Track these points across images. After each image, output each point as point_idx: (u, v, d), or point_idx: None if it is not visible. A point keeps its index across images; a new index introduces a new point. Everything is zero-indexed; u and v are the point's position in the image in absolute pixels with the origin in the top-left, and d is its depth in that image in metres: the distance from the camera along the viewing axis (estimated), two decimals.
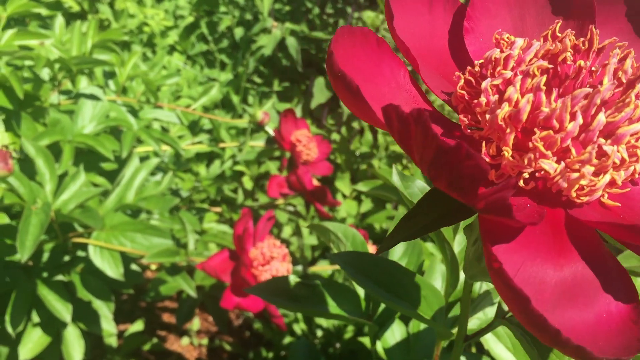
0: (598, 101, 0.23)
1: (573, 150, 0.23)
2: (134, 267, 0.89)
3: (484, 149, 0.24)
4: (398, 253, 0.41)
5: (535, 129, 0.23)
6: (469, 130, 0.25)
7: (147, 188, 0.82)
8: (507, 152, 0.23)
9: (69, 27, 0.97)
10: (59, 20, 1.03)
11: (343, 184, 1.41)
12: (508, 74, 0.24)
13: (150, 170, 0.81)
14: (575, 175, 0.23)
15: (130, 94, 1.02)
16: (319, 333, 1.21)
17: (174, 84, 1.39)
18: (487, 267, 0.21)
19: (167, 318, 1.45)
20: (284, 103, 1.72)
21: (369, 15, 1.83)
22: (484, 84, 0.24)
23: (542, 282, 0.21)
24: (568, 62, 0.26)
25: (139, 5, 1.79)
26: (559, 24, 0.27)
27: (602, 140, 0.23)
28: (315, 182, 1.06)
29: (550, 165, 0.23)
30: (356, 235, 0.38)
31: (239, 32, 1.68)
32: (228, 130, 1.49)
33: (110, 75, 0.99)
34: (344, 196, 1.44)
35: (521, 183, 0.23)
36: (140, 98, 0.99)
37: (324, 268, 1.21)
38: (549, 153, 0.23)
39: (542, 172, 0.23)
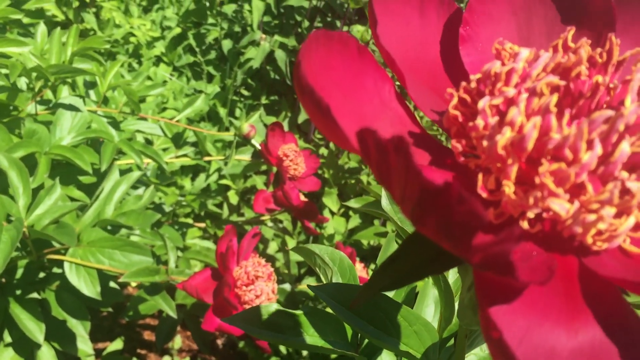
0: (621, 127, 0.19)
1: (589, 187, 0.19)
2: (112, 284, 0.85)
3: (480, 182, 0.20)
4: None
5: (543, 160, 0.19)
6: (463, 158, 0.21)
7: (127, 203, 0.79)
8: (509, 188, 0.19)
9: (49, 36, 0.94)
10: (41, 28, 1.00)
11: (330, 200, 1.38)
12: (511, 91, 0.20)
13: (131, 184, 0.78)
14: (592, 217, 0.18)
15: (112, 104, 0.98)
16: (305, 352, 1.18)
17: (159, 95, 1.36)
18: (484, 335, 0.17)
19: (148, 336, 1.40)
20: (271, 116, 1.69)
21: (358, 29, 1.82)
22: (481, 103, 0.20)
23: (552, 352, 0.17)
24: (582, 78, 0.22)
25: (126, 16, 1.76)
26: (572, 32, 0.23)
27: (624, 175, 0.19)
28: (303, 198, 1.04)
29: (561, 205, 0.18)
30: (343, 259, 0.35)
31: (227, 44, 1.66)
32: (214, 143, 1.46)
33: (91, 85, 0.96)
34: (332, 212, 1.41)
35: (525, 224, 0.19)
36: (124, 109, 0.96)
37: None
38: (559, 191, 0.18)
39: (551, 213, 0.19)
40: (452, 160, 0.21)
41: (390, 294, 0.37)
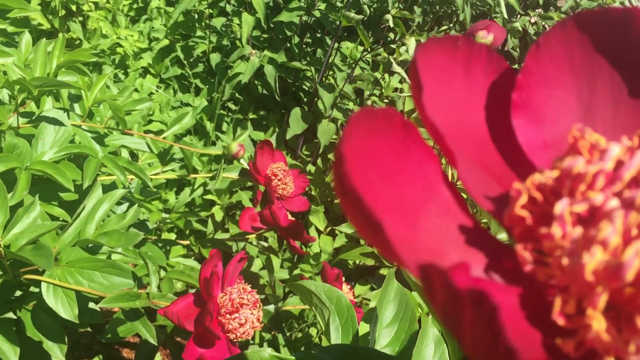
0: None
1: None
2: (92, 305, 0.82)
3: (557, 307, 0.16)
4: (387, 318, 0.37)
5: None
6: (530, 267, 0.17)
7: (109, 222, 0.76)
8: (598, 323, 0.15)
9: (34, 46, 0.91)
10: (26, 37, 0.97)
11: (317, 219, 1.36)
12: (598, 198, 0.16)
13: (114, 202, 0.75)
14: None
15: (97, 117, 0.96)
16: None
17: (145, 110, 1.34)
18: None
19: (127, 354, 1.37)
20: (259, 131, 1.68)
21: (347, 46, 1.81)
22: (558, 208, 0.16)
23: None
24: None
25: (113, 26, 1.74)
26: None
27: None
28: (290, 217, 1.02)
29: None
30: (341, 297, 0.34)
31: (215, 57, 1.64)
32: (200, 157, 1.44)
33: (76, 98, 0.94)
34: (318, 231, 1.39)
35: None
36: (110, 122, 0.94)
37: (295, 307, 1.16)
38: None
39: None
40: (514, 265, 0.18)
41: (392, 345, 0.35)
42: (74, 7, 1.66)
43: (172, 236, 1.29)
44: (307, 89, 1.75)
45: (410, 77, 0.19)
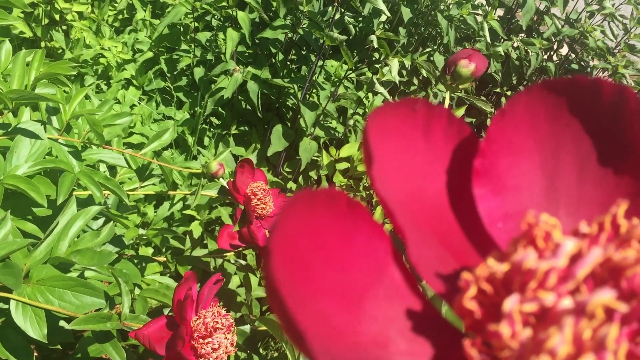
0: None
1: None
2: (62, 323, 0.81)
3: None
4: None
5: None
6: (479, 356, 0.16)
7: (83, 239, 0.75)
8: None
9: (13, 57, 0.90)
10: (6, 47, 0.96)
11: None
12: (549, 298, 0.15)
13: (89, 219, 0.74)
14: None
15: (75, 130, 0.95)
16: None
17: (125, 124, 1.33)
18: None
19: None
20: (240, 147, 1.67)
21: (332, 64, 1.81)
22: (507, 305, 0.15)
23: None
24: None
25: (97, 37, 1.72)
26: (623, 208, 0.17)
27: None
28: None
29: None
30: None
31: (198, 71, 1.63)
32: (180, 172, 1.42)
33: (54, 110, 0.92)
34: None
35: None
36: (90, 135, 0.92)
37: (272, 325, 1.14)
38: None
39: None
40: (461, 356, 0.17)
41: None
42: (57, 17, 1.65)
43: (150, 251, 1.27)
44: (290, 105, 1.75)
45: (362, 147, 0.18)
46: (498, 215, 0.20)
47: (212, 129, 1.71)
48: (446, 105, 0.57)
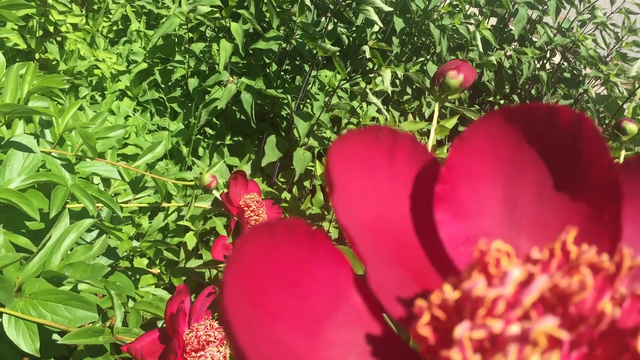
0: None
1: None
2: (55, 337, 0.80)
3: None
4: None
5: None
6: None
7: (76, 252, 0.75)
8: None
9: (6, 70, 0.90)
10: (0, 59, 0.96)
11: None
12: (496, 326, 0.16)
13: (82, 232, 0.74)
14: None
15: (68, 143, 0.95)
16: None
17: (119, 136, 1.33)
18: None
19: None
20: (234, 157, 1.67)
21: (326, 74, 1.82)
22: (458, 332, 0.16)
23: None
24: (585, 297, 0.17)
25: (91, 48, 1.73)
26: (573, 235, 0.18)
27: None
28: None
29: None
30: None
31: (193, 82, 1.64)
32: (174, 183, 1.42)
33: (47, 123, 0.92)
34: None
35: None
36: (83, 147, 0.92)
37: None
38: None
39: None
40: None
41: None
42: (51, 28, 1.65)
43: (144, 262, 1.27)
44: (285, 115, 1.75)
45: (325, 174, 0.19)
46: (460, 240, 0.21)
47: (206, 140, 1.72)
48: (435, 115, 0.58)
